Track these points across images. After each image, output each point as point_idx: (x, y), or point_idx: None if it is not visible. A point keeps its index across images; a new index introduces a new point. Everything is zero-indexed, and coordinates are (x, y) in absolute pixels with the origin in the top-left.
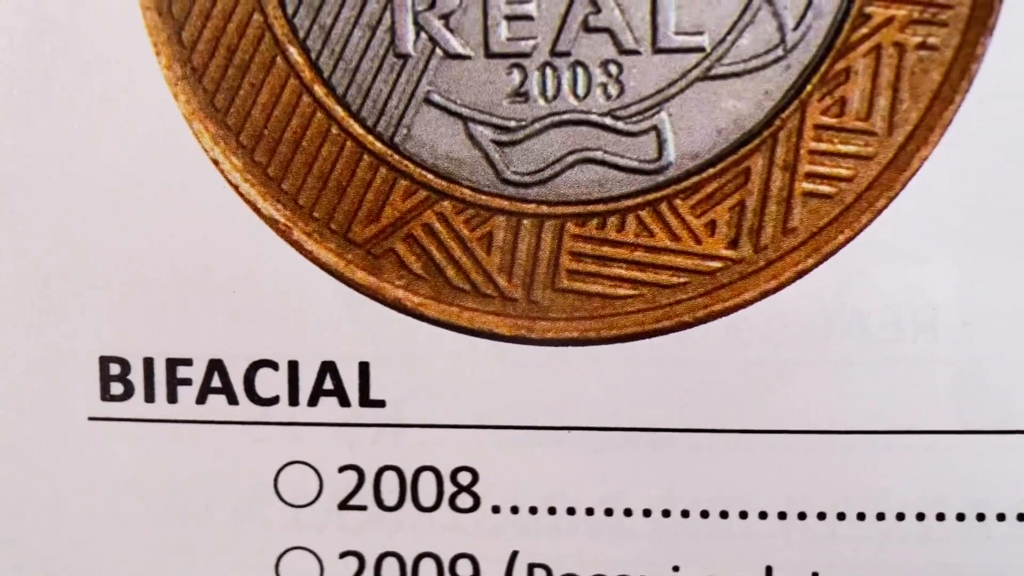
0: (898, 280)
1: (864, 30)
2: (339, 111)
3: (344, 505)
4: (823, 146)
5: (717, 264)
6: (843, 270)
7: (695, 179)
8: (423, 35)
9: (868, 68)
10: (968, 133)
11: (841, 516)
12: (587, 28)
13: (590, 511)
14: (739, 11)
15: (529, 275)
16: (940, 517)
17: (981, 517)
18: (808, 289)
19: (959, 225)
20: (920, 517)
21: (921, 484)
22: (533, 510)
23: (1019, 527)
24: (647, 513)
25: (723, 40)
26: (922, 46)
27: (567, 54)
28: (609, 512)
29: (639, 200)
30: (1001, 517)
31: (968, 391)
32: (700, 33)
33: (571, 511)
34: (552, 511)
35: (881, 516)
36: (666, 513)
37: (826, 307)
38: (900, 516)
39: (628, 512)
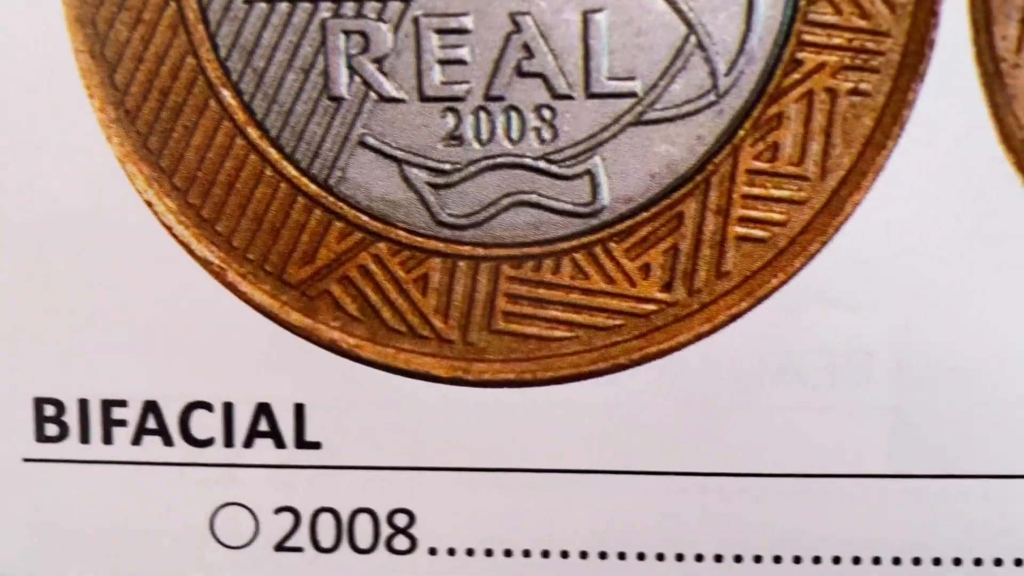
0: (832, 325)
1: (796, 76)
2: (273, 153)
3: (280, 547)
4: (756, 191)
5: (652, 307)
6: (777, 315)
7: (629, 223)
8: (357, 78)
9: (800, 113)
10: (901, 178)
11: (777, 559)
12: (520, 73)
13: (527, 553)
14: (671, 57)
15: (465, 317)
16: (876, 561)
17: (917, 561)
18: (742, 333)
19: (892, 270)
20: (856, 561)
21: (856, 528)
22: (470, 552)
23: (954, 571)
24: (583, 555)
25: (655, 85)
26: (854, 92)
27: (501, 98)
28: (546, 554)
29: (574, 243)
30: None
31: (902, 437)
32: (632, 79)
33: (508, 553)
34: (489, 553)
35: (817, 560)
36: (603, 555)
37: (760, 351)
38: (836, 560)
39: (565, 554)
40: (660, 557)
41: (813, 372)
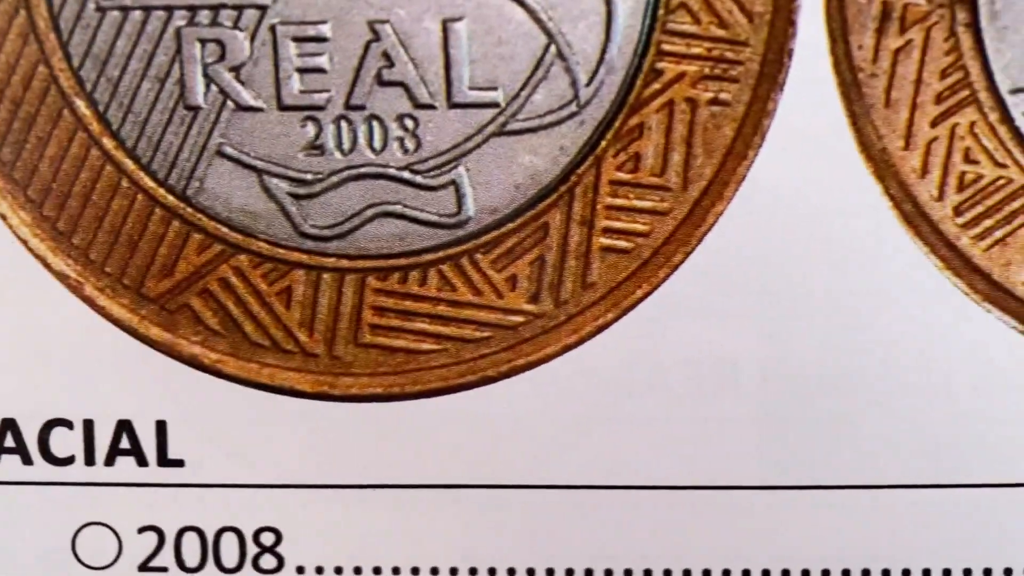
0: (697, 336)
1: (656, 86)
2: (129, 164)
3: (144, 567)
4: (619, 201)
5: (519, 318)
6: (643, 325)
7: (495, 234)
8: (213, 87)
9: (661, 124)
10: (762, 188)
11: (648, 573)
12: (381, 82)
13: (396, 570)
14: (532, 66)
15: (331, 330)
16: (746, 573)
17: (786, 573)
18: (609, 344)
19: (756, 280)
20: (726, 573)
21: (725, 540)
22: (339, 570)
23: None
24: (454, 572)
25: (517, 95)
26: (714, 102)
27: (362, 107)
28: (415, 571)
29: (440, 254)
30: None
31: (769, 447)
32: (494, 88)
33: (377, 571)
34: (358, 571)
35: (687, 572)
36: (473, 571)
37: (627, 362)
38: (706, 572)
39: (435, 571)
40: (530, 572)
41: (679, 383)
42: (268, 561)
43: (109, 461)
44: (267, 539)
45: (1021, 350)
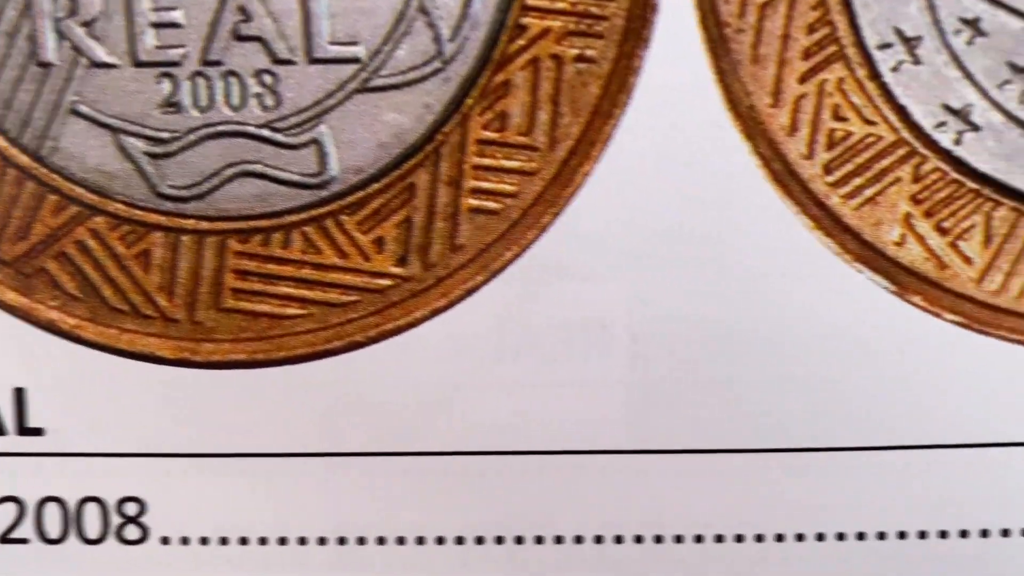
0: (568, 298)
1: (521, 42)
2: None
3: (5, 538)
4: (487, 161)
5: (387, 282)
6: (513, 288)
7: (360, 194)
8: (66, 43)
9: (527, 81)
10: (629, 147)
11: (519, 539)
12: (238, 37)
13: (263, 540)
14: (394, 21)
15: (191, 295)
16: (618, 539)
17: (659, 539)
18: (479, 308)
19: (625, 241)
20: (598, 539)
21: (596, 505)
22: (204, 541)
23: (696, 549)
24: (322, 541)
25: (379, 51)
26: (580, 59)
27: (219, 63)
28: (283, 541)
29: (304, 216)
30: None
31: (640, 410)
32: (355, 44)
33: (244, 541)
34: (224, 541)
35: (559, 538)
36: (342, 540)
37: (497, 326)
38: (578, 539)
39: (303, 540)
40: (401, 540)
41: (550, 346)
42: (132, 532)
43: None
44: (131, 509)
45: (892, 310)
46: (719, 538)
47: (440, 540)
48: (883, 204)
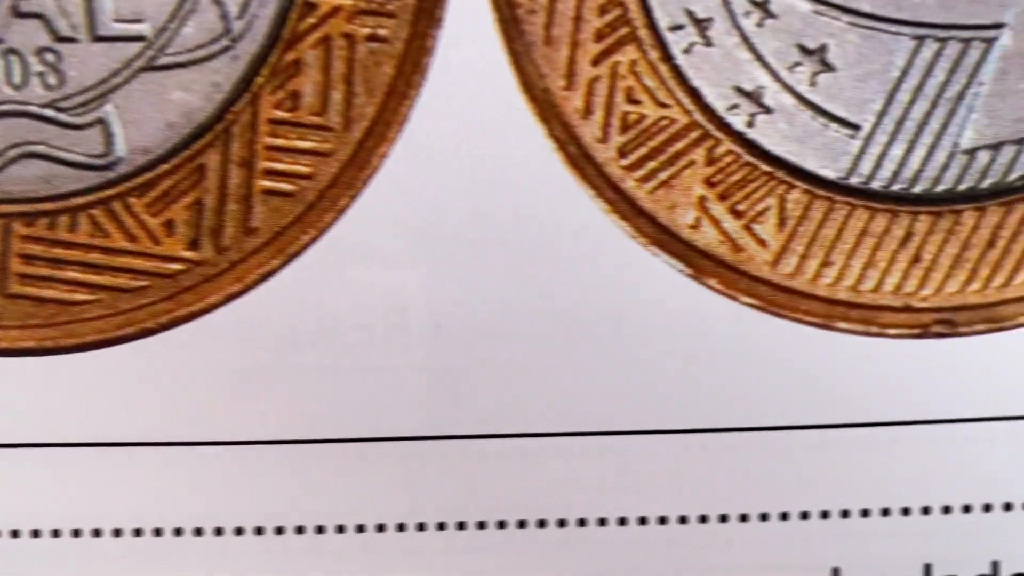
0: (367, 282)
1: (311, 20)
2: None
3: None
4: (279, 142)
5: (178, 266)
6: (311, 272)
7: (148, 176)
8: None
9: (319, 60)
10: (426, 129)
11: (320, 528)
12: (18, 13)
13: (56, 532)
14: None
15: None
16: (421, 527)
17: (462, 526)
18: (276, 292)
19: (424, 224)
20: (400, 527)
21: (398, 493)
22: (15, 533)
23: (499, 535)
24: (117, 532)
25: (165, 28)
26: (372, 38)
27: None
28: (77, 533)
29: (90, 198)
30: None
31: (441, 396)
32: (141, 21)
33: (36, 533)
34: (15, 534)
35: (361, 527)
36: (137, 532)
37: (296, 311)
38: (380, 527)
39: (96, 532)
40: (198, 531)
41: (349, 331)
42: None
43: None
44: None
45: (688, 293)
46: (521, 523)
47: (239, 530)
48: (677, 187)
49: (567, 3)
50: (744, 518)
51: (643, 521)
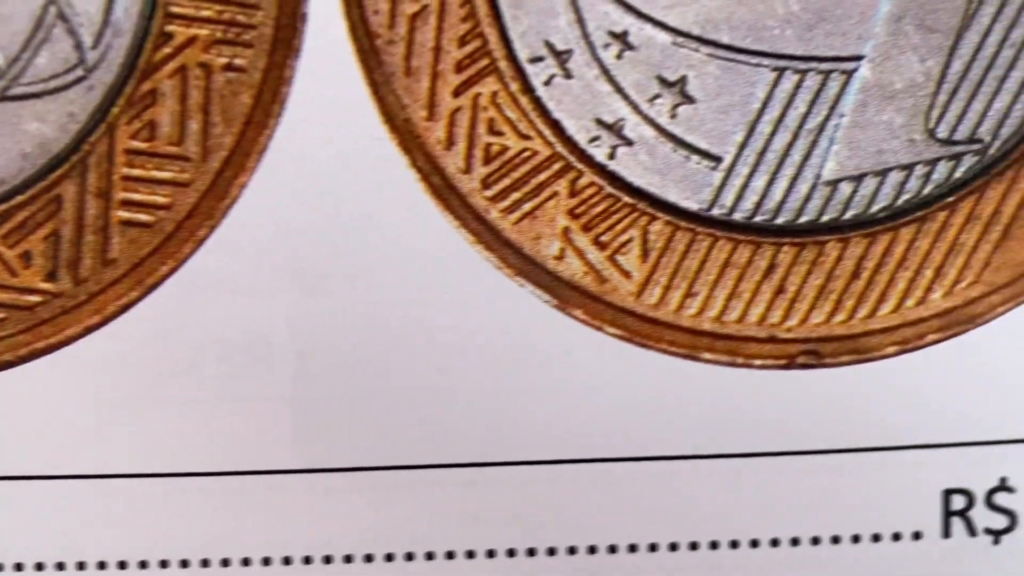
0: (229, 313)
1: (167, 50)
2: None
3: None
4: (137, 172)
5: (36, 298)
6: (171, 303)
7: (4, 206)
8: None
9: (176, 90)
10: (286, 158)
11: (185, 564)
12: None
13: None
14: (32, 27)
15: None
16: (287, 561)
17: (328, 560)
18: (135, 324)
19: (285, 254)
20: (266, 561)
21: (263, 527)
22: None
23: (366, 568)
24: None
25: (18, 58)
26: (229, 67)
27: None
28: None
29: None
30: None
31: (307, 428)
32: None
33: None
34: None
35: (226, 562)
36: (19, 567)
37: (155, 343)
38: (245, 561)
39: None
40: (60, 567)
41: (211, 363)
42: None
43: None
44: None
45: (554, 323)
46: (389, 557)
47: (102, 565)
48: (542, 218)
49: (426, 34)
50: (613, 549)
51: (511, 553)
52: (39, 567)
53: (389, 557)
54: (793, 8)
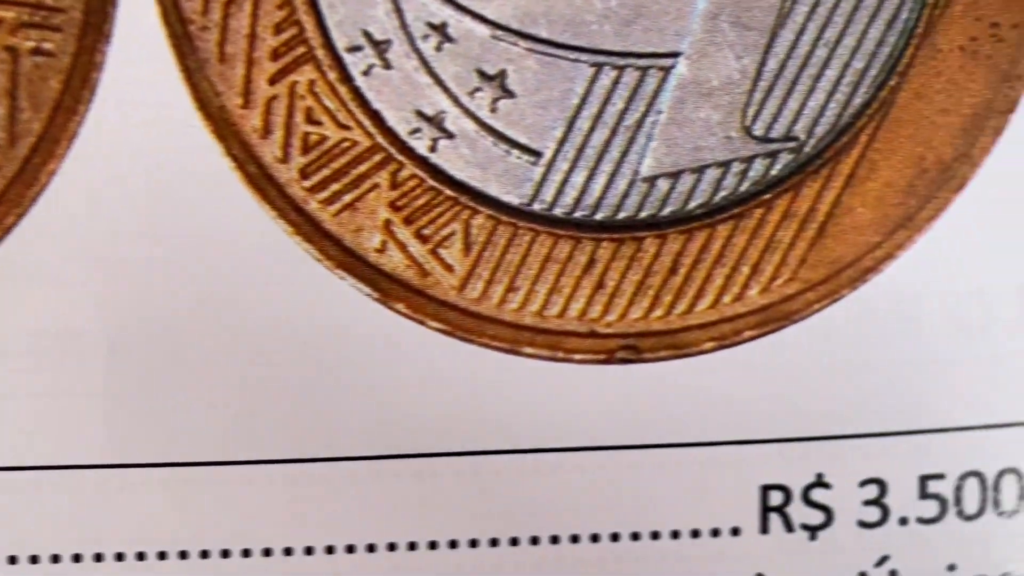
0: (37, 304)
1: None
2: None
3: None
4: None
5: None
6: None
7: None
8: None
9: None
10: (97, 145)
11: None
12: None
13: None
14: None
15: None
16: (140, 556)
17: (163, 555)
18: None
19: (96, 244)
20: (77, 558)
21: (76, 523)
22: None
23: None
24: None
25: None
26: (37, 51)
27: None
28: None
29: None
30: (161, 556)
31: (120, 422)
32: None
33: None
34: None
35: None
36: None
37: None
38: (55, 558)
39: None
40: None
41: (19, 355)
42: None
43: None
44: None
45: (377, 317)
46: (204, 554)
47: None
48: (362, 210)
49: (241, 20)
50: (433, 545)
51: (330, 550)
52: None
53: (204, 554)
54: (611, 4)
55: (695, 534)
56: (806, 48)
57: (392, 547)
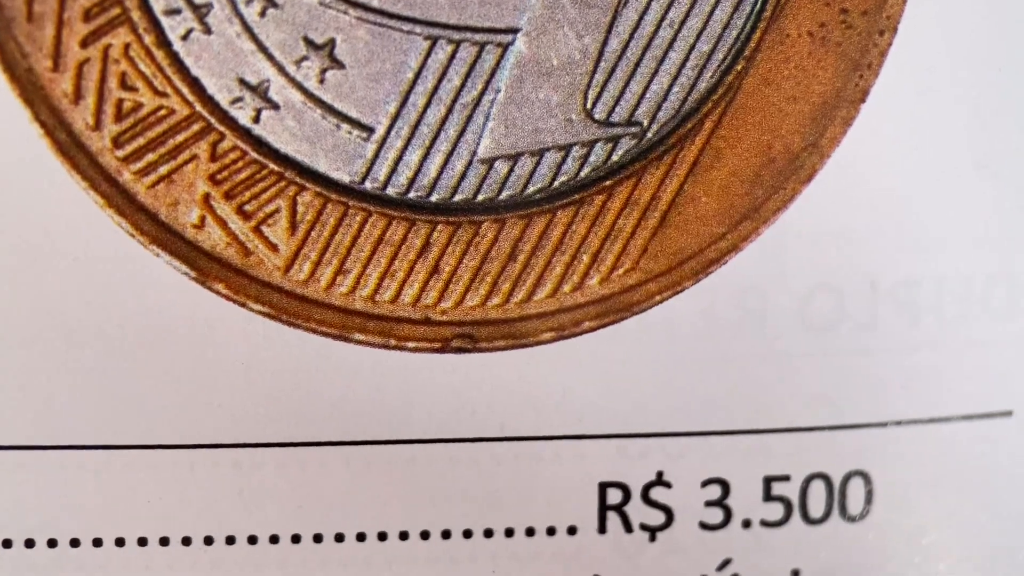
0: None
1: None
2: None
3: None
4: None
5: None
6: None
7: None
8: None
9: None
10: None
11: None
12: None
13: None
14: None
15: None
16: None
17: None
18: None
19: None
20: None
21: None
22: None
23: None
24: None
25: None
26: None
27: None
28: None
29: None
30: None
31: None
32: None
33: None
34: None
35: None
36: None
37: None
38: None
39: None
40: None
41: None
42: None
43: None
44: None
45: (194, 297)
46: (29, 543)
47: None
48: (180, 183)
49: None
50: (253, 540)
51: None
52: None
53: (29, 543)
54: None
55: (530, 532)
56: (650, 28)
57: (208, 541)
